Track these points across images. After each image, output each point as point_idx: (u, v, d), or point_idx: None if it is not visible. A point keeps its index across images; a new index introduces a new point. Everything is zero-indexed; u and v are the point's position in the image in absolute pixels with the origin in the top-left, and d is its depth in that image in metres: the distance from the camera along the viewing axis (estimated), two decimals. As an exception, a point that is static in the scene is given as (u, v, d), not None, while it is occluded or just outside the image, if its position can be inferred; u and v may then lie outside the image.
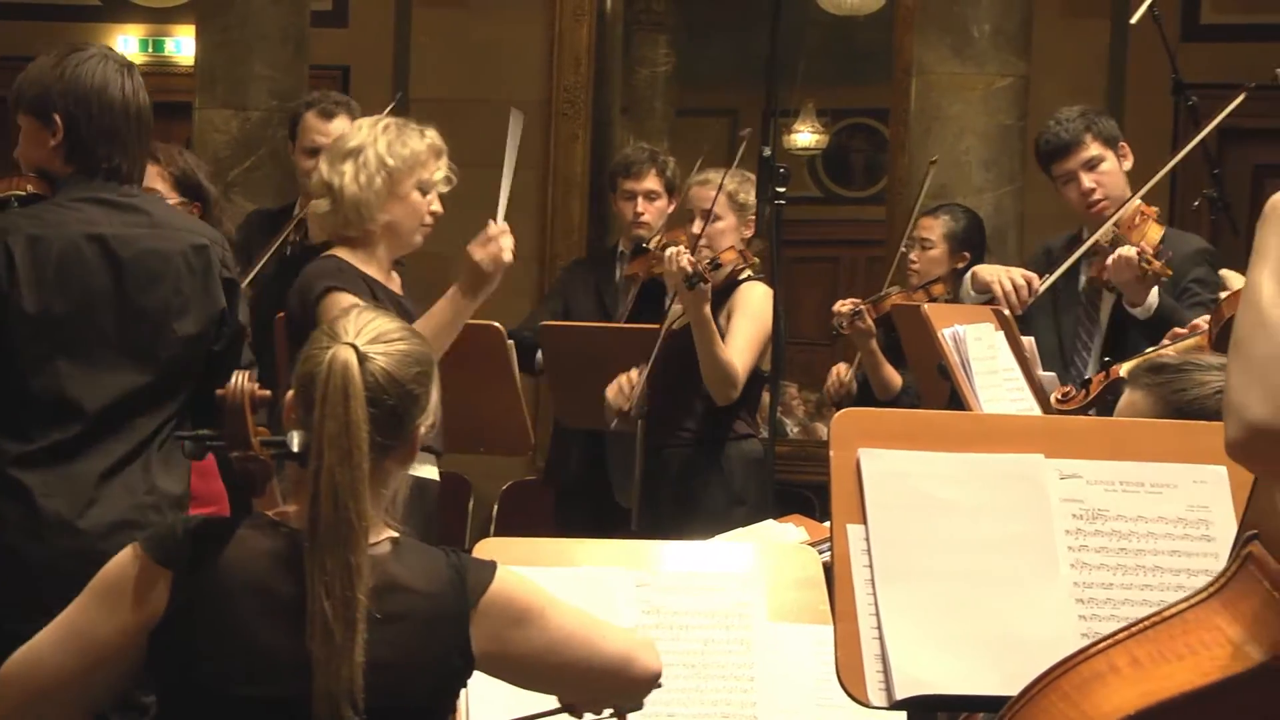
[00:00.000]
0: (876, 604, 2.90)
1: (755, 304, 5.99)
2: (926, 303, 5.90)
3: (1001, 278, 5.66)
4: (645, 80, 12.33)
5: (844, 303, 6.67)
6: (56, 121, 4.27)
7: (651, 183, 6.83)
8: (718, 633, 3.40)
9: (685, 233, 6.56)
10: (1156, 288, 5.48)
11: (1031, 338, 5.45)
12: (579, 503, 6.68)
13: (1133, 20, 6.43)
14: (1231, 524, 2.90)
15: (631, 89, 12.09)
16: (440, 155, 4.89)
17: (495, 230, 4.89)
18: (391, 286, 4.89)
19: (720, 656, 3.38)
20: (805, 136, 14.45)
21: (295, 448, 2.91)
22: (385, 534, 2.96)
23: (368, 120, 4.98)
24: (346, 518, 2.84)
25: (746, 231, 6.17)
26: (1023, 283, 5.63)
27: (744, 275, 6.10)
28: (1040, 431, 3.17)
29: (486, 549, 3.35)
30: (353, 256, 4.84)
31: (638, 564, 3.50)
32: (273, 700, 2.85)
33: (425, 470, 4.88)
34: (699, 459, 6.04)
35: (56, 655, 2.91)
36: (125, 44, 10.55)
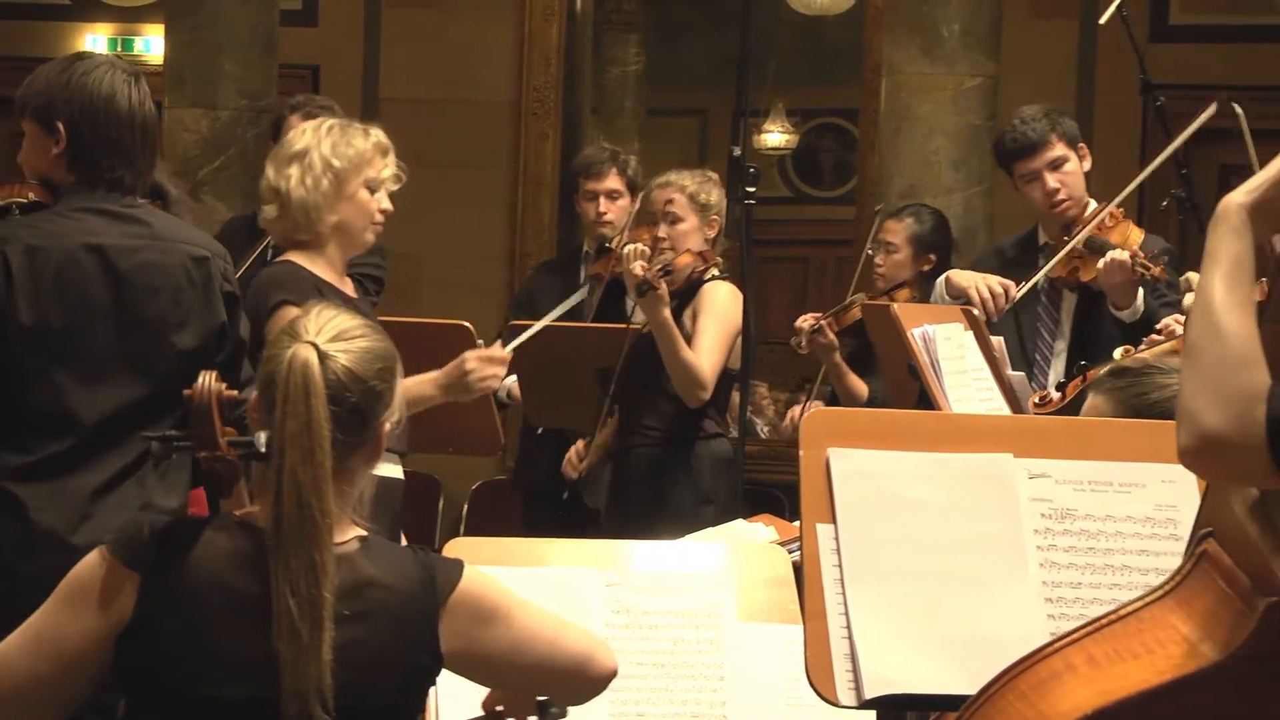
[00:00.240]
0: (846, 603, 2.90)
1: (720, 303, 5.99)
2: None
3: (979, 284, 5.68)
4: (615, 80, 12.34)
5: (805, 319, 6.65)
6: (60, 130, 4.20)
7: (613, 182, 6.84)
8: (687, 632, 3.40)
9: (649, 232, 6.56)
10: (1142, 290, 5.50)
11: (1001, 338, 5.46)
12: (548, 503, 6.68)
13: (1101, 21, 6.44)
14: (1199, 523, 2.91)
15: (602, 89, 12.10)
16: (386, 153, 4.86)
17: (500, 355, 5.00)
18: (344, 289, 4.87)
19: (690, 656, 3.38)
20: (775, 136, 14.48)
21: (262, 448, 2.91)
22: (353, 532, 2.96)
23: (311, 123, 4.95)
24: (310, 516, 2.83)
25: (710, 232, 6.17)
26: (1000, 290, 5.64)
27: (709, 275, 6.10)
28: (1009, 431, 3.18)
29: (456, 549, 3.35)
30: (306, 260, 4.83)
31: (607, 564, 3.50)
32: (242, 701, 2.85)
33: (389, 470, 4.87)
34: (667, 459, 6.04)
35: (26, 660, 2.90)
36: (94, 43, 10.51)
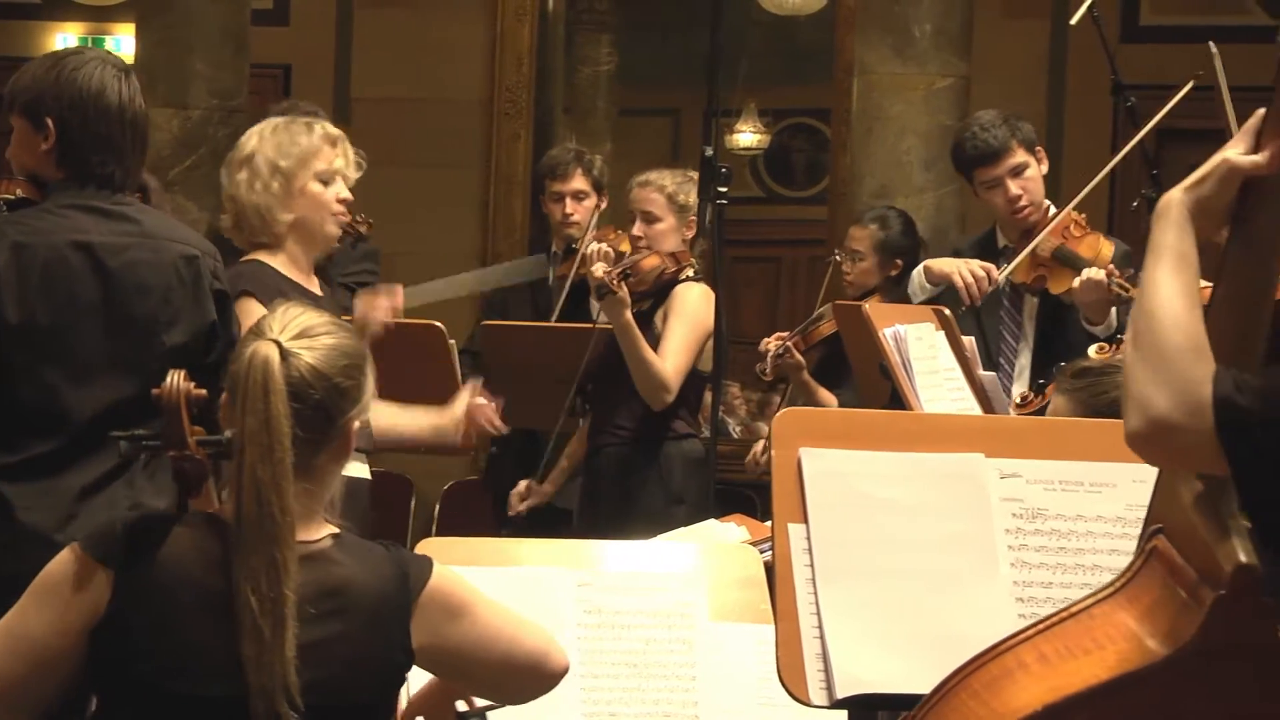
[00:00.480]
0: (817, 603, 2.91)
1: (690, 305, 5.98)
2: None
3: (961, 269, 5.70)
4: (587, 79, 12.34)
5: (769, 341, 6.65)
6: (49, 126, 4.16)
7: (579, 183, 6.84)
8: (659, 632, 3.40)
9: (614, 231, 6.56)
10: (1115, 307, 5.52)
11: (972, 338, 5.47)
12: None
13: (1072, 21, 6.46)
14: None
15: (574, 88, 12.10)
16: (335, 143, 4.84)
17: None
18: (310, 286, 4.85)
19: (662, 656, 3.38)
20: (747, 136, 14.50)
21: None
22: (326, 530, 2.96)
23: (257, 126, 4.95)
24: (270, 513, 2.83)
25: (688, 233, 6.16)
26: (982, 274, 5.67)
27: (683, 276, 6.09)
28: (980, 431, 3.19)
29: (428, 549, 3.34)
30: (270, 258, 4.82)
31: (579, 564, 3.50)
32: (212, 698, 2.84)
33: (355, 469, 4.86)
34: (637, 458, 6.04)
35: (1, 659, 2.90)
36: (64, 42, 10.49)
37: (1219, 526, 2.27)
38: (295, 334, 2.93)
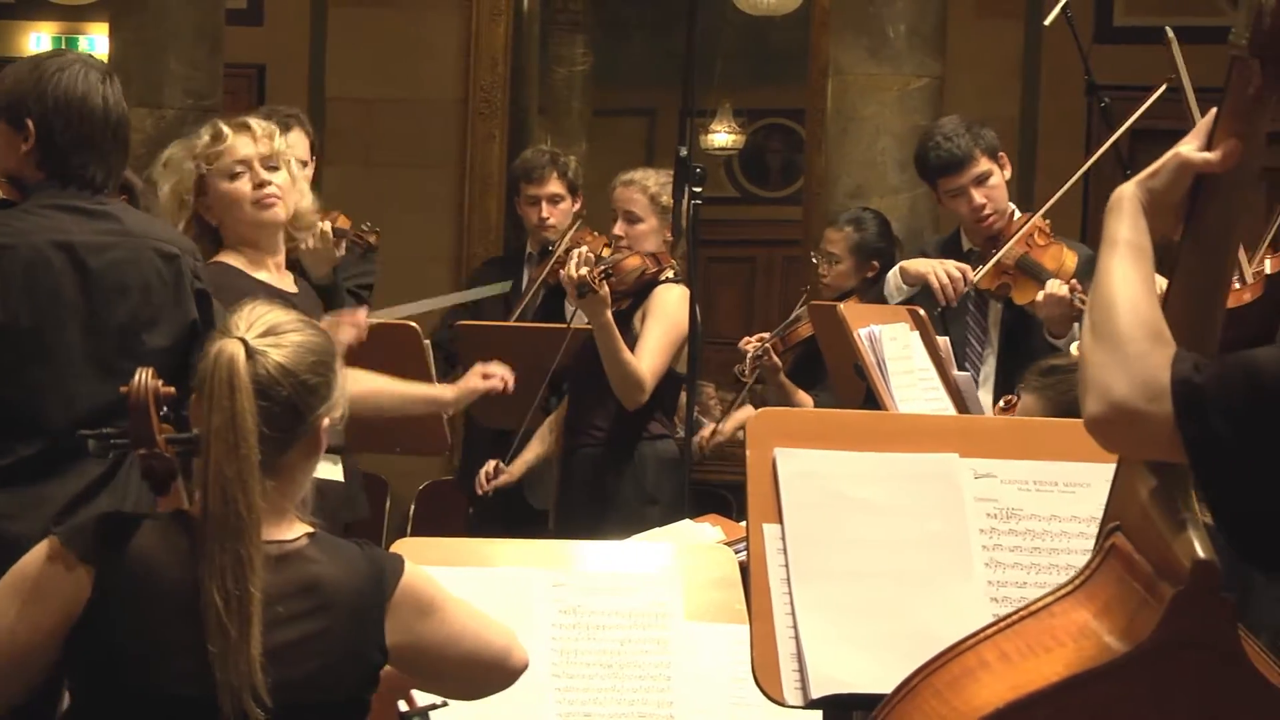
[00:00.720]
0: (792, 603, 2.91)
1: (669, 306, 5.98)
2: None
3: (937, 270, 5.70)
4: (562, 80, 12.33)
5: (748, 341, 6.65)
6: (29, 127, 4.15)
7: (554, 186, 6.84)
8: (635, 632, 3.40)
9: (590, 234, 6.55)
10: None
11: (947, 338, 5.47)
12: (493, 503, 6.67)
13: (1046, 22, 6.47)
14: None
15: (549, 88, 12.08)
16: (222, 137, 4.84)
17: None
18: (282, 285, 4.83)
19: (637, 656, 3.38)
20: (722, 136, 14.49)
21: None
22: (301, 529, 2.96)
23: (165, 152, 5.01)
24: (235, 510, 2.84)
25: (670, 234, 6.16)
26: (958, 274, 5.68)
27: (663, 277, 6.09)
28: (955, 431, 3.19)
29: (404, 549, 3.34)
30: (235, 260, 4.81)
31: (554, 564, 3.50)
32: (186, 696, 2.85)
33: (325, 470, 4.83)
34: (612, 459, 6.03)
35: None
36: (38, 42, 10.46)
37: (1175, 522, 2.28)
38: (261, 332, 2.94)
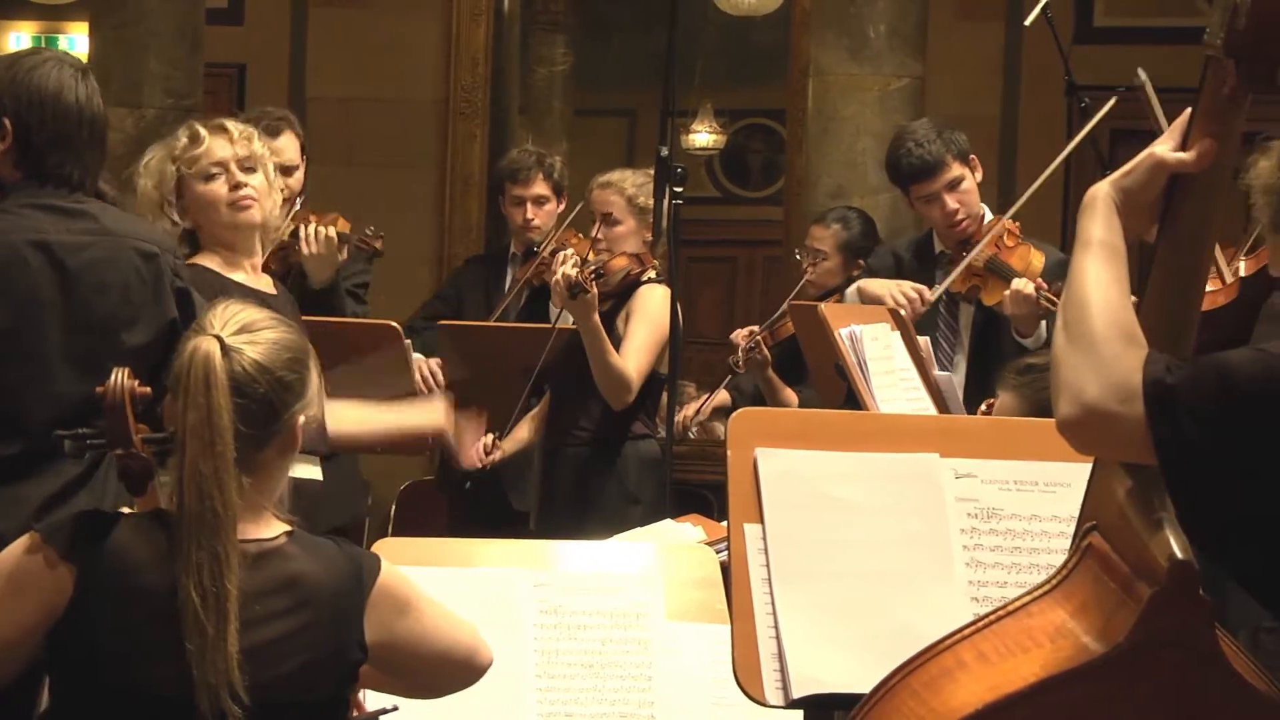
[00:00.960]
0: (773, 603, 2.91)
1: (653, 307, 5.98)
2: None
3: (894, 291, 5.72)
4: (543, 80, 12.32)
5: (740, 334, 6.65)
6: (5, 126, 4.13)
7: (539, 188, 6.83)
8: (616, 632, 3.41)
9: (575, 235, 6.55)
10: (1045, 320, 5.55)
11: (928, 338, 5.49)
12: (473, 503, 6.67)
13: (1026, 22, 6.49)
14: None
15: (529, 89, 12.08)
16: (199, 140, 4.84)
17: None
18: (258, 286, 4.82)
19: (618, 656, 3.38)
20: (703, 136, 14.50)
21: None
22: (280, 527, 2.96)
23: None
24: (211, 507, 2.84)
25: (648, 234, 6.15)
26: (915, 295, 5.69)
27: (646, 277, 6.09)
28: (935, 431, 3.20)
29: (385, 549, 3.35)
30: (210, 262, 4.81)
31: (536, 564, 3.50)
32: (166, 695, 2.85)
33: (304, 470, 4.83)
34: (595, 459, 6.04)
35: None
36: (18, 41, 10.45)
37: (1152, 522, 2.29)
38: (236, 329, 2.95)
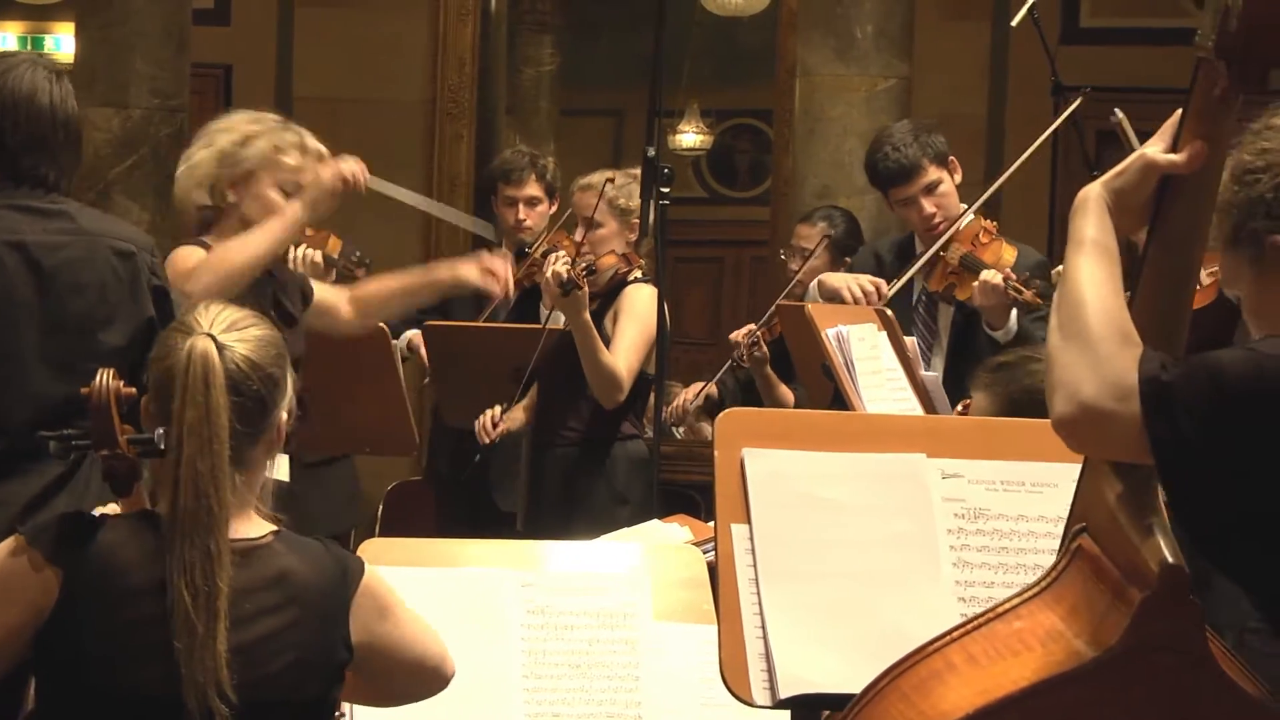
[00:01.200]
0: (760, 603, 2.91)
1: (641, 306, 5.98)
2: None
3: (851, 285, 5.74)
4: (530, 80, 12.31)
5: (739, 332, 6.65)
6: None
7: (532, 189, 6.83)
8: (603, 632, 3.41)
9: (567, 237, 6.55)
10: (1015, 311, 5.56)
11: (914, 338, 5.49)
12: (459, 503, 6.67)
13: (1013, 23, 6.50)
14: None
15: (516, 89, 12.07)
16: (305, 157, 4.86)
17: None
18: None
19: (605, 656, 3.38)
20: (690, 137, 14.49)
21: (162, 445, 2.91)
22: (266, 526, 2.97)
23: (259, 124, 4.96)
24: (207, 505, 2.85)
25: (631, 235, 6.15)
26: (871, 289, 5.71)
27: (632, 277, 6.09)
28: (922, 431, 3.20)
29: (371, 549, 3.35)
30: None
31: (523, 564, 3.50)
32: (154, 696, 2.85)
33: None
34: (583, 459, 6.04)
35: None
36: (3, 41, 10.43)
37: (1143, 525, 2.29)
38: (225, 327, 2.96)
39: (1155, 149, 2.40)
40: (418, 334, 6.59)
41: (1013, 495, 3.06)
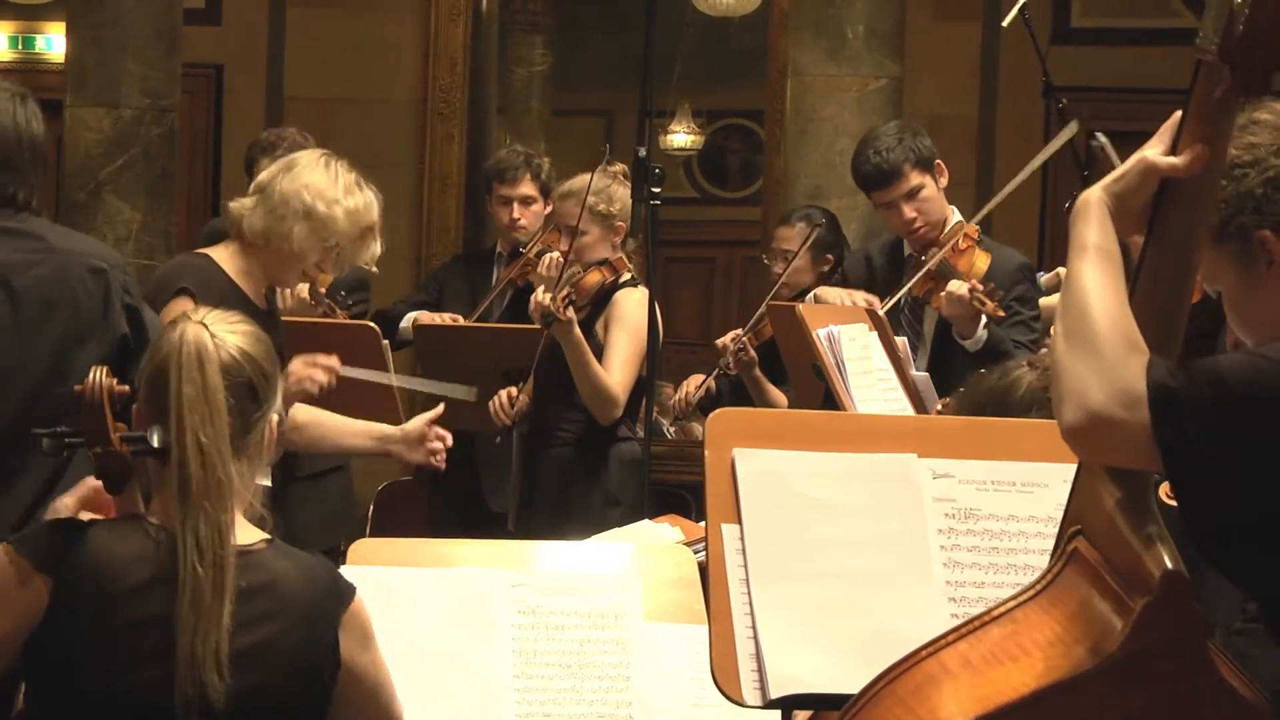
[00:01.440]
0: (751, 603, 2.91)
1: (631, 313, 5.96)
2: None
3: (845, 300, 5.75)
4: (521, 80, 12.32)
5: (725, 338, 6.65)
6: None
7: (527, 188, 6.83)
8: (594, 633, 3.40)
9: (560, 237, 6.54)
10: (985, 319, 5.57)
11: (905, 338, 5.50)
12: (452, 504, 6.66)
13: (1004, 23, 6.51)
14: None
15: (507, 89, 12.08)
16: (370, 243, 5.00)
17: (326, 363, 4.93)
18: (257, 302, 4.80)
19: (596, 656, 3.38)
20: (681, 137, 14.51)
21: (155, 443, 2.91)
22: (258, 534, 2.97)
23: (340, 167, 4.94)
24: (215, 476, 2.87)
25: (616, 238, 6.12)
26: (864, 305, 5.70)
27: (621, 281, 6.08)
28: (913, 431, 3.19)
29: (362, 550, 3.34)
30: (228, 257, 4.79)
31: (514, 564, 3.49)
32: (145, 700, 2.84)
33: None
34: (577, 461, 6.03)
35: None
36: (-5, 41, 10.43)
37: (1144, 531, 2.28)
38: (216, 319, 3.00)
39: (1154, 151, 2.40)
40: (424, 314, 6.61)
41: (1003, 495, 3.05)
